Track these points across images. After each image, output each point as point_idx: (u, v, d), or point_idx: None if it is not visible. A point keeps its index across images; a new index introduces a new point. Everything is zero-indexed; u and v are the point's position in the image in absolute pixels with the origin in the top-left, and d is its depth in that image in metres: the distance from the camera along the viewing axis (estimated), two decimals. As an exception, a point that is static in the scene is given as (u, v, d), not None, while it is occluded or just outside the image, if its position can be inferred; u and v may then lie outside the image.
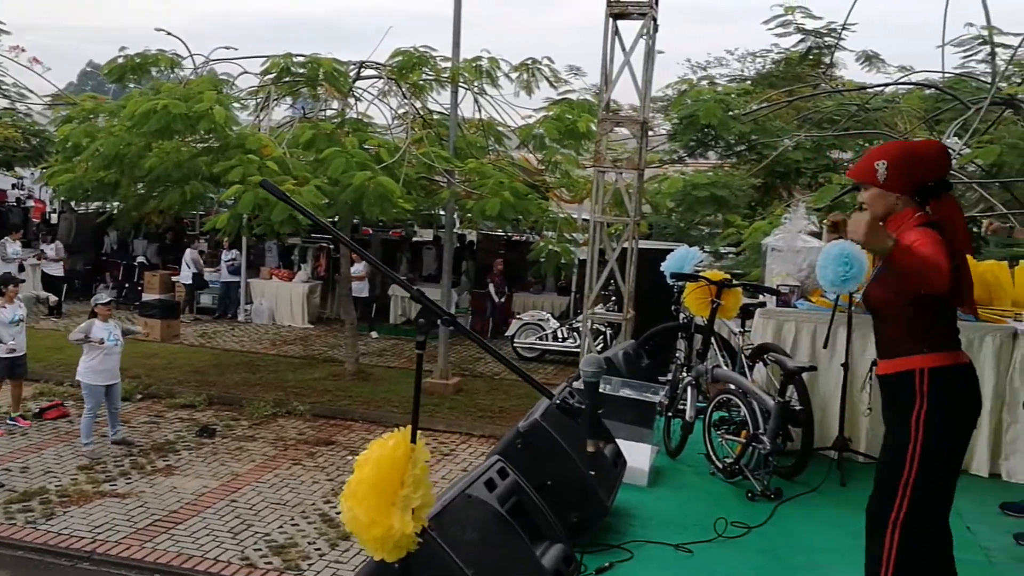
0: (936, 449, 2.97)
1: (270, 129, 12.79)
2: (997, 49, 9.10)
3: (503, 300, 16.87)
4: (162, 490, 8.97)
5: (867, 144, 10.50)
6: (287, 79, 12.36)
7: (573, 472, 3.84)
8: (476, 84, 13.18)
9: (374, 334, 16.93)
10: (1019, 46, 9.09)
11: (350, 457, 10.02)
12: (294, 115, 13.50)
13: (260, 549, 7.84)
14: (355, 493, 2.37)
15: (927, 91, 10.30)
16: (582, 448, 3.46)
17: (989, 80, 9.15)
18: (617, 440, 4.63)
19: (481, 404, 12.71)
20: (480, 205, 11.58)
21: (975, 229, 7.98)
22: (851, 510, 4.47)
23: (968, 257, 5.94)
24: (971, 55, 9.58)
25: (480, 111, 13.62)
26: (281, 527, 8.30)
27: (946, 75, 9.62)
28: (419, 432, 2.43)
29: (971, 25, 9.75)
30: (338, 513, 2.35)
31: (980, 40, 9.24)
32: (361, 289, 16.30)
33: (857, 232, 2.70)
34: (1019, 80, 10.04)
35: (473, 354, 15.79)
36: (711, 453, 5.09)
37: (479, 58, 13.27)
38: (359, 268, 15.84)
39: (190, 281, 17.54)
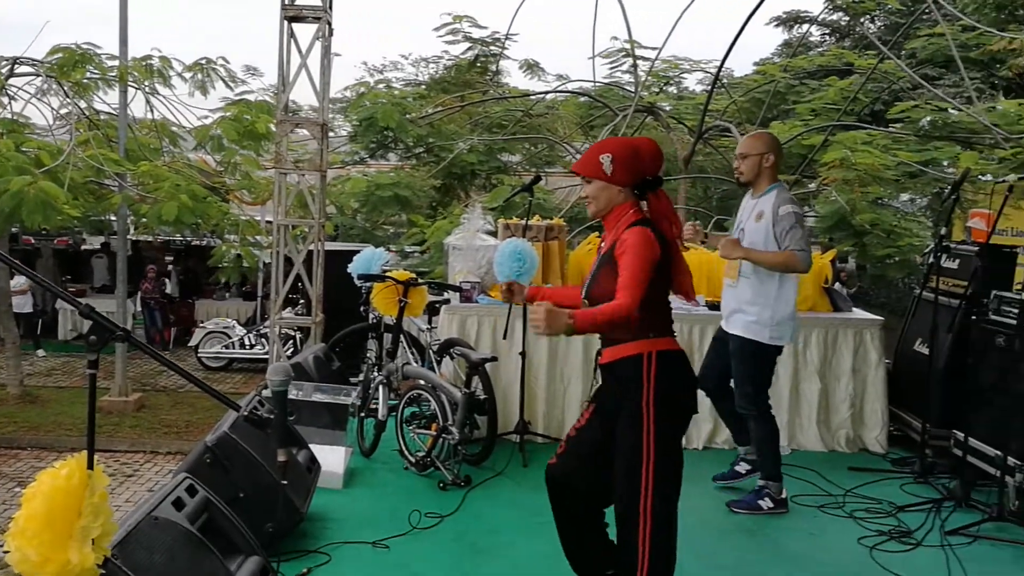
0: (668, 430, 3.11)
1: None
2: (638, 61, 10.14)
3: (157, 308, 16.13)
4: None
5: (533, 147, 11.25)
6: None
7: (266, 482, 3.82)
8: (147, 83, 12.46)
9: (41, 352, 15.54)
10: (655, 59, 10.20)
11: (18, 490, 9.12)
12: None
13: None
14: (24, 531, 2.21)
15: (582, 98, 11.21)
16: (274, 458, 3.46)
17: (633, 89, 10.16)
18: (311, 445, 4.65)
19: (166, 420, 12.08)
20: (156, 210, 10.97)
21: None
22: (533, 490, 4.82)
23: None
24: (617, 66, 10.60)
25: (153, 111, 12.90)
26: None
27: (597, 84, 10.55)
28: (97, 455, 2.32)
29: (616, 39, 10.78)
30: (5, 552, 2.16)
31: (624, 52, 10.24)
32: (23, 304, 14.91)
33: (538, 325, 2.84)
34: (657, 90, 11.24)
35: (155, 367, 14.93)
36: (404, 449, 5.25)
37: (150, 57, 12.56)
38: (20, 281, 14.44)
39: None
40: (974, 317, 5.30)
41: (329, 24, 9.14)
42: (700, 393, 5.57)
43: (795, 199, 4.75)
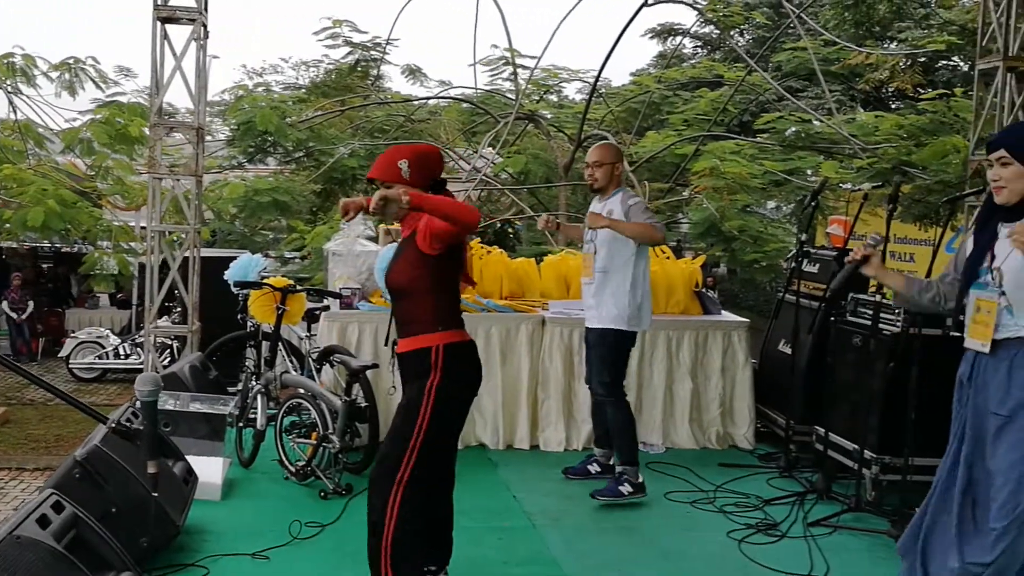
0: (442, 416, 3.33)
1: None
2: (518, 70, 10.30)
3: (24, 317, 15.42)
4: None
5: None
6: None
7: (139, 495, 3.73)
8: (9, 83, 11.86)
9: None
10: (535, 68, 10.37)
11: None
12: None
13: None
14: None
15: (464, 105, 11.30)
16: (145, 470, 3.40)
17: (514, 96, 10.32)
18: (188, 456, 4.56)
19: (34, 435, 11.51)
20: (21, 215, 10.46)
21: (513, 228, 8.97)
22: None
23: (502, 255, 6.71)
24: (497, 74, 10.75)
25: (16, 112, 12.28)
26: None
27: (479, 91, 10.66)
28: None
29: (496, 47, 10.92)
30: None
31: (504, 61, 10.39)
32: None
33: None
34: (537, 98, 11.43)
35: (21, 380, 14.22)
36: (284, 458, 5.19)
37: (11, 54, 11.96)
38: None
39: None
40: (833, 318, 5.59)
41: (204, 26, 8.93)
42: (584, 392, 5.78)
43: (636, 195, 5.21)
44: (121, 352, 14.19)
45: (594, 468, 5.40)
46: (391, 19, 10.76)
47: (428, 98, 11.89)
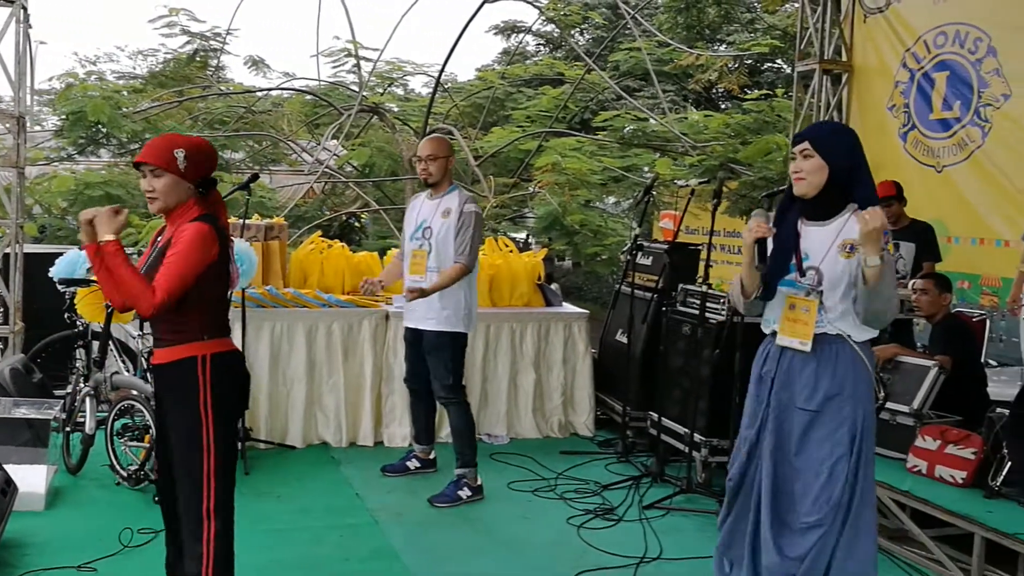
0: (225, 430, 3.09)
1: None
2: (361, 62, 10.23)
3: None
4: None
5: (257, 144, 11.01)
6: None
7: (-49, 509, 3.52)
8: None
9: None
10: (377, 60, 10.33)
11: None
12: None
13: None
14: None
15: (307, 97, 11.13)
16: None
17: (357, 89, 10.24)
18: (7, 465, 4.31)
19: None
20: None
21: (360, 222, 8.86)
22: (255, 498, 4.81)
23: (344, 249, 6.65)
24: (340, 66, 10.63)
25: None
26: None
27: (322, 82, 10.53)
28: None
29: (338, 38, 10.77)
30: None
31: (347, 52, 10.30)
32: None
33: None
34: (381, 90, 11.38)
35: None
36: (115, 463, 4.99)
37: None
38: None
39: None
40: (665, 308, 5.85)
41: (24, 8, 8.44)
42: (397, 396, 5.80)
43: (474, 199, 5.19)
44: (-65, 356, 13.23)
45: (413, 464, 5.45)
46: (231, 8, 10.45)
47: (270, 89, 11.64)
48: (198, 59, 11.34)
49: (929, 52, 6.97)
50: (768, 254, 3.24)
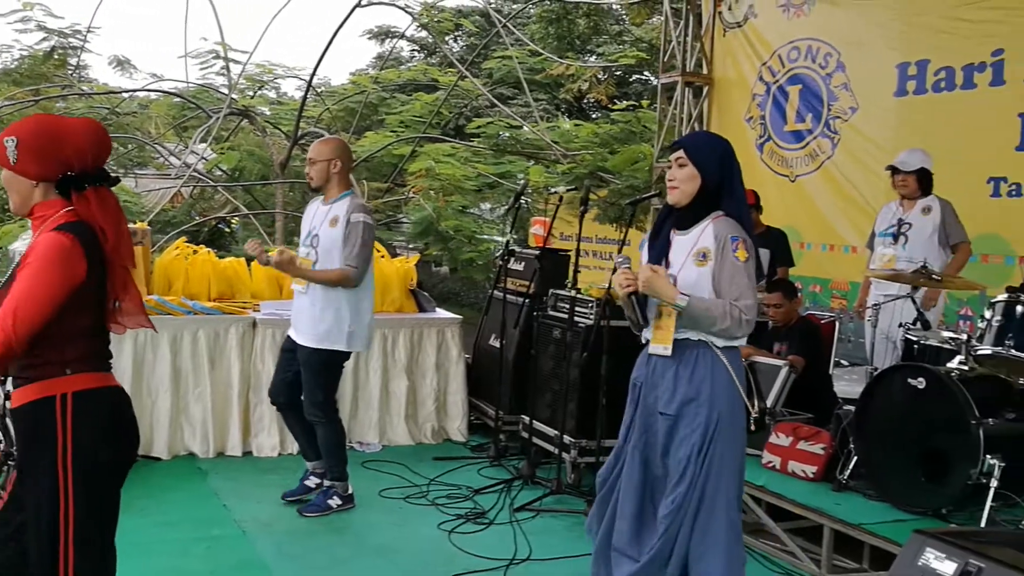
0: (89, 490, 2.46)
1: None
2: (230, 64, 10.00)
3: None
4: None
5: (122, 147, 10.61)
6: None
7: None
8: None
9: None
10: (247, 62, 10.13)
11: None
12: None
13: None
14: None
15: (175, 99, 10.80)
16: None
17: (227, 91, 10.01)
18: None
19: None
20: None
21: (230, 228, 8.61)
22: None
23: (210, 254, 6.48)
24: (209, 68, 10.35)
25: None
26: None
27: (191, 84, 10.22)
28: None
29: (205, 39, 10.48)
30: None
31: (215, 54, 10.04)
32: None
33: None
34: (251, 93, 11.16)
35: None
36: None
37: None
38: None
39: None
40: (536, 313, 5.95)
41: None
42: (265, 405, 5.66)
43: (368, 208, 4.95)
44: None
45: (312, 482, 5.10)
46: (92, 5, 10.01)
47: (135, 90, 11.22)
48: (56, 57, 10.82)
49: (784, 66, 7.33)
50: (647, 300, 3.27)
